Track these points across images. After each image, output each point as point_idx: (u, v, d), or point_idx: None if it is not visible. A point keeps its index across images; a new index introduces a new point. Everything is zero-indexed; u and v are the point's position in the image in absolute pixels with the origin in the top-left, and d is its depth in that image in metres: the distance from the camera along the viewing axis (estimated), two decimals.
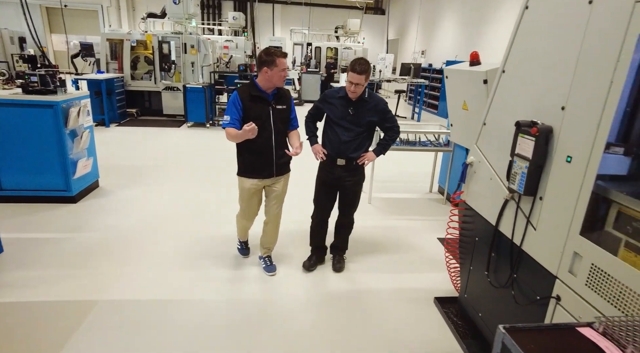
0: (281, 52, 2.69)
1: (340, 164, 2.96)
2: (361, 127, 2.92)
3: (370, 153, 3.03)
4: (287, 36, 17.48)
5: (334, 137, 2.94)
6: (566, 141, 1.75)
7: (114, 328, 2.52)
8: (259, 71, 2.71)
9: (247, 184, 2.90)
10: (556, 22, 1.84)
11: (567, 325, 1.18)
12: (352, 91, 2.79)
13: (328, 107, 2.98)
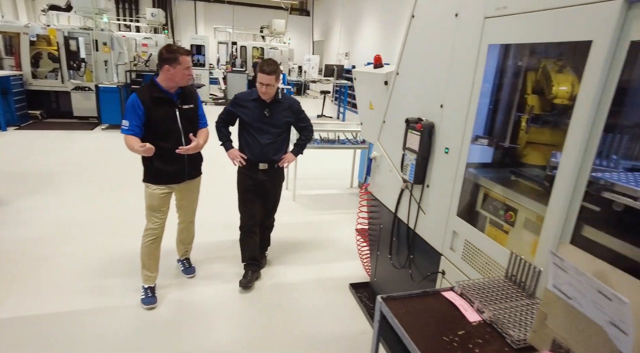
0: (184, 50, 2.54)
1: (263, 168, 2.93)
2: (279, 129, 2.91)
3: (289, 154, 3.05)
4: (211, 35, 17.02)
5: (253, 141, 2.89)
6: (444, 135, 2.01)
7: (11, 346, 2.34)
8: (160, 69, 2.53)
9: (156, 192, 2.69)
10: (434, 30, 2.10)
11: (434, 291, 1.39)
12: (263, 92, 2.78)
13: (242, 110, 2.90)
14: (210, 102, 13.00)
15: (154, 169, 2.66)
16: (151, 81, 2.60)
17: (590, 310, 0.92)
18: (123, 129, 2.51)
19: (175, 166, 2.71)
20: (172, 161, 2.68)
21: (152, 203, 2.73)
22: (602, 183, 1.32)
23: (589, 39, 1.21)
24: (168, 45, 2.57)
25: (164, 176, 2.70)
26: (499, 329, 1.19)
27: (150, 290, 2.84)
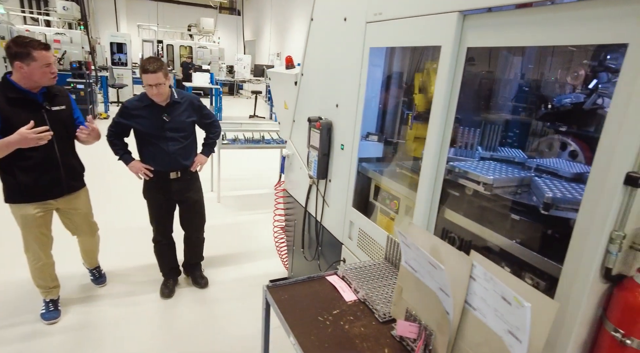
0: (40, 43, 2.14)
1: (175, 177, 2.69)
2: (184, 132, 2.66)
3: (200, 156, 2.81)
4: (134, 32, 16.11)
5: (159, 151, 2.60)
6: (340, 132, 2.14)
7: None
8: (12, 66, 2.13)
9: (29, 212, 2.30)
10: (328, 33, 2.23)
11: (319, 276, 1.49)
12: (155, 93, 2.46)
13: (136, 121, 2.56)
14: None
15: (18, 184, 2.23)
16: (4, 79, 2.17)
17: (427, 279, 1.06)
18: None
19: (47, 178, 2.31)
20: (42, 172, 2.28)
21: (27, 227, 2.32)
22: (457, 171, 1.51)
23: (439, 44, 1.38)
24: (18, 37, 2.15)
25: (34, 191, 2.29)
26: (370, 306, 1.32)
27: (53, 303, 2.62)
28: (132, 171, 2.66)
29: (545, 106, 1.81)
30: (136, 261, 3.38)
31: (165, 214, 2.83)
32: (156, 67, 2.38)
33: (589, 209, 0.96)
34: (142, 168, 2.62)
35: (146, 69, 2.38)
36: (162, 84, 2.44)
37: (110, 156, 2.74)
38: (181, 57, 15.27)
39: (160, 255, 2.95)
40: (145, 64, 2.41)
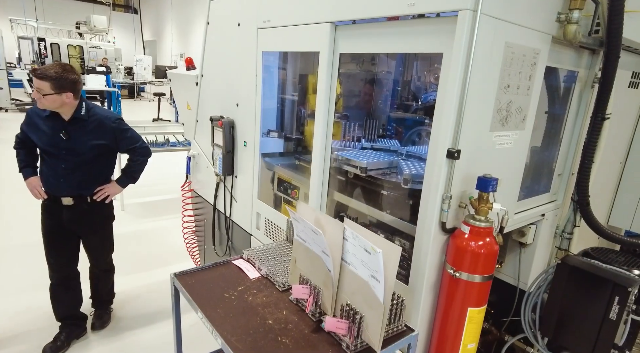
0: None
1: (68, 203, 2.24)
2: (83, 156, 2.19)
3: (111, 185, 2.34)
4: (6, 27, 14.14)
5: (48, 169, 2.21)
6: (242, 130, 2.28)
7: None
8: None
9: None
10: (224, 36, 2.35)
11: (225, 261, 1.62)
12: (37, 98, 2.06)
13: (33, 131, 2.19)
14: (14, 108, 10.87)
15: None
16: None
17: (313, 246, 1.28)
18: None
19: None
20: None
21: None
22: (341, 159, 1.77)
23: (318, 50, 1.61)
24: None
25: None
26: (271, 279, 1.49)
27: None
28: (28, 188, 2.27)
29: (416, 103, 2.18)
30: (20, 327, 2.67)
31: (58, 245, 2.33)
32: (42, 74, 1.98)
33: (428, 179, 1.26)
34: (38, 186, 2.25)
35: (34, 70, 2.06)
36: (43, 94, 2.00)
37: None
38: (70, 57, 13.86)
39: (53, 297, 2.41)
40: (41, 67, 2.10)
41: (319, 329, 1.23)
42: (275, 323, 1.24)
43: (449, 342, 1.28)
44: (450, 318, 1.26)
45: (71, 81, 2.04)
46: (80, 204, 2.27)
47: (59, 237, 2.32)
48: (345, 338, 1.14)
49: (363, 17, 1.40)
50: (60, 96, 2.03)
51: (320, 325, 1.24)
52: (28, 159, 2.31)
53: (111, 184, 2.36)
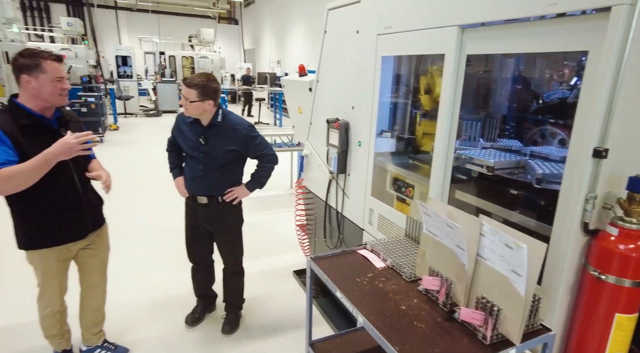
0: (50, 54, 1.84)
1: (203, 202, 2.47)
2: (218, 160, 2.37)
3: (240, 188, 2.49)
4: (136, 45, 16.48)
5: (189, 171, 2.46)
6: (357, 131, 2.42)
7: None
8: (18, 83, 1.81)
9: (50, 257, 2.00)
10: (342, 44, 2.52)
11: (351, 250, 1.77)
12: (182, 105, 2.31)
13: (179, 135, 2.47)
14: (141, 114, 12.63)
15: (37, 227, 1.93)
16: (10, 102, 1.84)
17: (446, 240, 1.35)
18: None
19: (70, 216, 2.01)
20: (64, 210, 1.98)
21: (49, 274, 2.04)
22: (464, 157, 1.80)
23: (443, 53, 1.67)
24: (26, 49, 1.84)
25: (58, 233, 1.99)
26: (397, 270, 1.60)
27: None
28: (175, 187, 2.55)
29: (537, 102, 2.10)
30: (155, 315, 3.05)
31: (196, 238, 2.62)
32: (191, 82, 2.20)
33: (568, 179, 1.24)
34: (182, 186, 2.51)
35: (184, 79, 2.28)
36: (191, 102, 2.22)
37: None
38: (183, 67, 15.64)
39: (192, 276, 2.79)
40: (189, 76, 2.31)
41: (451, 319, 1.30)
42: (408, 309, 1.34)
43: (592, 348, 1.25)
44: (593, 323, 1.23)
45: (213, 90, 2.26)
46: (213, 204, 2.46)
47: (196, 231, 2.59)
48: (482, 329, 1.19)
49: (495, 19, 1.42)
50: (203, 103, 2.23)
51: (453, 315, 1.30)
52: (176, 161, 2.59)
53: (240, 187, 2.51)
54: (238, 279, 2.76)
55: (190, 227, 2.62)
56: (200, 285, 2.82)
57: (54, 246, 1.99)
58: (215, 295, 2.94)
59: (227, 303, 2.80)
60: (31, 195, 1.82)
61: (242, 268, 2.76)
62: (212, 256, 2.75)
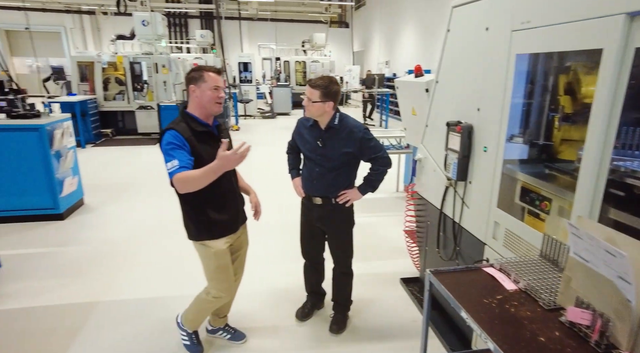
0: (212, 67, 2.10)
1: (317, 203, 2.56)
2: (333, 162, 2.43)
3: (353, 190, 2.53)
4: (256, 51, 17.93)
5: (306, 172, 2.57)
6: (482, 135, 2.23)
7: (114, 322, 2.83)
8: (187, 94, 2.13)
9: (221, 248, 2.23)
10: (468, 42, 2.35)
11: (475, 267, 1.63)
12: (305, 104, 2.41)
13: (299, 138, 2.58)
14: (258, 116, 13.70)
15: (209, 221, 2.17)
16: (184, 113, 2.11)
17: (602, 268, 1.14)
18: (175, 170, 1.88)
19: (230, 212, 2.28)
20: (227, 207, 2.24)
21: (221, 262, 2.25)
22: (623, 170, 1.51)
23: (600, 47, 1.43)
24: (195, 66, 2.19)
25: (222, 226, 2.23)
26: (532, 295, 1.42)
27: (195, 336, 2.55)
28: (293, 187, 2.68)
29: None
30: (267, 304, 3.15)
31: (309, 235, 2.73)
32: (316, 83, 2.31)
33: None
34: (299, 185, 2.63)
35: (309, 80, 2.38)
36: (313, 102, 2.32)
37: None
38: (296, 71, 16.50)
39: (304, 273, 2.92)
40: (313, 78, 2.41)
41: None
42: (549, 342, 1.18)
43: None
44: None
45: (335, 92, 2.34)
46: (327, 205, 2.54)
47: (310, 230, 2.69)
48: None
49: None
50: (324, 104, 2.32)
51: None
52: (294, 163, 2.72)
53: (353, 190, 2.53)
54: (347, 280, 2.78)
55: (305, 225, 2.73)
56: (311, 281, 2.91)
57: (220, 237, 2.22)
58: (324, 293, 3.01)
59: (336, 302, 2.83)
60: (207, 193, 2.05)
61: (351, 270, 2.77)
62: (323, 254, 2.82)
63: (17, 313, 2.91)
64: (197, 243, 2.23)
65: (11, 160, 4.25)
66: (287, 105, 14.24)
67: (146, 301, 3.10)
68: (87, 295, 3.15)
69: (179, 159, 1.92)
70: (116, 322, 2.83)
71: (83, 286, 3.27)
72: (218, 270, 2.26)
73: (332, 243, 2.69)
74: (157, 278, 3.43)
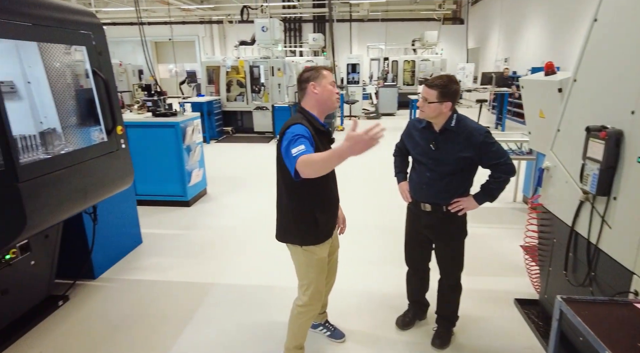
0: (324, 66, 2.16)
1: (426, 210, 2.40)
2: (447, 167, 2.26)
3: (467, 199, 2.31)
4: (364, 53, 18.02)
5: (416, 176, 2.42)
6: (637, 143, 1.86)
7: (227, 304, 3.09)
8: (302, 94, 2.10)
9: (323, 253, 2.19)
10: (624, 33, 1.98)
11: (624, 301, 1.36)
12: (419, 106, 2.27)
13: (408, 141, 2.46)
14: (363, 116, 13.75)
15: (316, 226, 2.11)
16: (303, 110, 2.09)
17: None
18: (301, 152, 1.76)
19: (333, 217, 2.24)
20: (332, 212, 2.21)
21: (323, 269, 2.21)
22: None
23: None
24: (306, 67, 2.14)
25: (327, 231, 2.18)
26: None
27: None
28: (399, 191, 2.58)
29: None
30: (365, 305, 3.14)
31: (414, 242, 2.60)
32: (433, 83, 2.17)
33: None
34: (406, 190, 2.51)
35: (426, 80, 2.23)
36: (429, 102, 2.17)
37: None
38: (404, 71, 16.13)
39: (406, 280, 2.79)
40: (431, 78, 2.26)
41: None
42: None
43: None
44: None
45: (454, 92, 2.18)
46: (437, 212, 2.36)
47: (416, 237, 2.55)
48: None
49: None
50: (441, 105, 2.16)
51: None
52: (401, 166, 2.62)
53: (468, 198, 2.31)
54: (454, 294, 2.59)
55: (410, 232, 2.60)
56: (414, 290, 2.78)
57: (323, 242, 2.16)
58: (427, 304, 2.85)
59: (440, 315, 2.67)
60: (320, 194, 2.10)
61: (460, 283, 2.58)
62: (429, 264, 2.67)
63: (152, 284, 3.39)
64: (298, 248, 2.14)
65: (154, 152, 4.96)
66: (393, 105, 13.99)
67: (256, 288, 3.32)
68: (205, 276, 3.51)
69: (305, 146, 1.82)
70: (228, 306, 3.09)
71: (202, 267, 3.66)
72: (318, 277, 2.20)
73: (440, 253, 2.51)
74: (267, 267, 3.65)
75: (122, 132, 3.02)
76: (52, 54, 2.60)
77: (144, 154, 4.95)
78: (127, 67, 14.42)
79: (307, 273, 2.19)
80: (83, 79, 2.87)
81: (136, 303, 3.13)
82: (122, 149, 3.02)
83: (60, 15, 2.51)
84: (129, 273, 3.58)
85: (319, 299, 2.24)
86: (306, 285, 2.20)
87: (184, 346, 2.65)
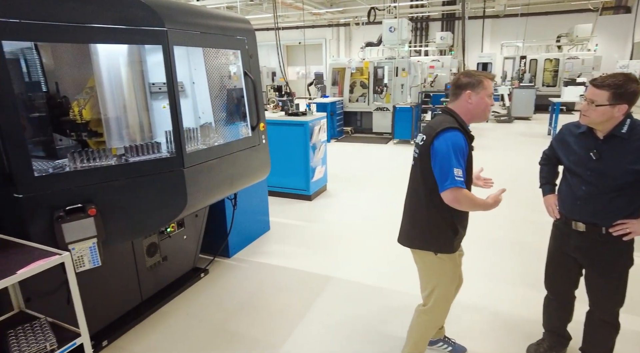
0: (489, 73, 2.01)
1: (579, 229, 2.08)
2: (612, 181, 1.93)
3: (637, 221, 1.94)
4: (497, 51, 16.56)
5: (567, 189, 2.12)
6: None
7: (343, 300, 3.17)
8: (454, 98, 2.01)
9: (458, 261, 2.20)
10: None
11: None
12: (583, 110, 1.96)
13: (561, 148, 2.17)
14: (492, 120, 12.68)
15: (455, 234, 2.06)
16: (453, 113, 2.00)
17: None
18: (460, 182, 1.84)
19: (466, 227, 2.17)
20: (467, 222, 2.15)
21: (452, 280, 2.15)
22: None
23: None
24: (465, 71, 2.09)
25: (459, 240, 2.14)
26: None
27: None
28: (545, 205, 2.29)
29: None
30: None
31: (559, 267, 2.27)
32: (601, 83, 1.85)
33: None
34: (553, 204, 2.22)
35: (594, 80, 1.91)
36: (596, 105, 1.87)
37: None
38: (544, 71, 14.37)
39: (544, 307, 2.47)
40: (597, 78, 1.96)
41: None
42: None
43: None
44: None
45: (632, 92, 1.83)
46: (594, 234, 2.02)
47: (562, 260, 2.23)
48: None
49: None
50: (613, 108, 1.84)
51: None
52: (549, 177, 2.34)
53: (637, 220, 1.94)
54: (609, 332, 2.19)
55: (555, 252, 2.29)
56: (552, 319, 2.45)
57: (458, 249, 2.16)
58: (568, 337, 2.47)
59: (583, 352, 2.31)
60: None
61: (617, 321, 2.16)
62: (574, 291, 2.32)
63: (276, 269, 3.68)
64: (431, 255, 2.08)
65: (286, 148, 5.36)
66: (529, 108, 12.55)
67: (371, 287, 3.34)
68: (324, 267, 3.66)
69: (462, 169, 1.86)
70: (344, 300, 3.16)
71: (321, 259, 3.82)
72: (449, 286, 2.14)
73: (593, 282, 2.15)
74: (384, 268, 3.64)
75: (263, 128, 3.32)
76: (211, 57, 2.99)
77: (275, 150, 5.33)
78: (262, 70, 15.93)
79: (439, 283, 2.14)
80: (232, 79, 3.24)
81: (262, 284, 3.43)
82: (262, 144, 3.32)
83: (223, 24, 2.87)
84: (257, 256, 3.94)
85: (445, 309, 2.19)
86: (430, 291, 2.16)
87: (301, 335, 2.80)
